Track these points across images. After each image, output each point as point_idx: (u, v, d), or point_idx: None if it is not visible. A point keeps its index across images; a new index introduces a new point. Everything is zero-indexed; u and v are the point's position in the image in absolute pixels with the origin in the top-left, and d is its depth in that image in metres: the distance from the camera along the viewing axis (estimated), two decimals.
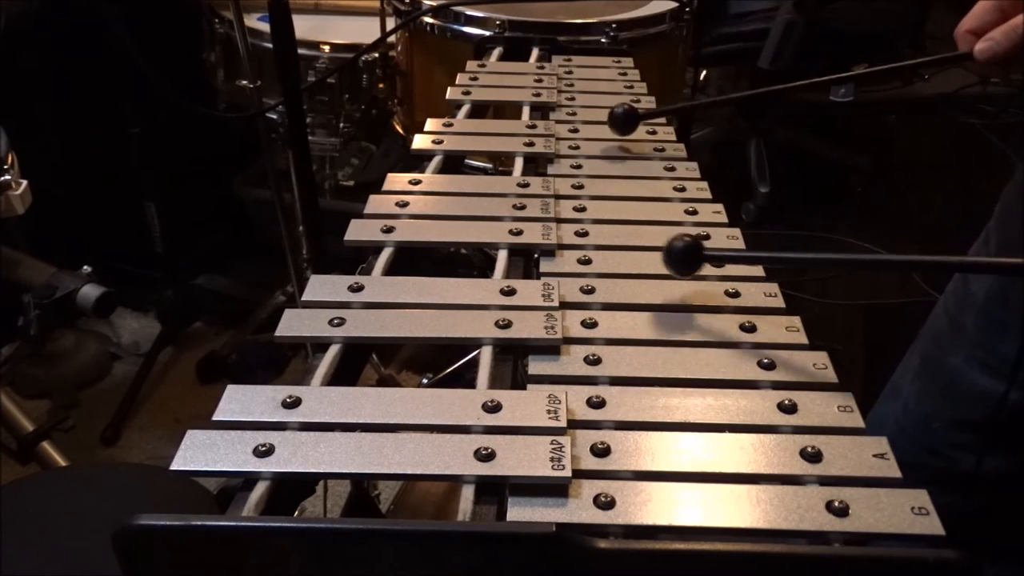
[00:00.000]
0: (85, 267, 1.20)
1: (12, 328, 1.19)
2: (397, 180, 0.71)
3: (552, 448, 0.43)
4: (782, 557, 0.37)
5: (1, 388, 1.43)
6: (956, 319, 0.85)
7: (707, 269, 0.61)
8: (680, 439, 0.45)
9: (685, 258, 0.56)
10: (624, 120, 0.78)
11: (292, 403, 0.46)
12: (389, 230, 0.63)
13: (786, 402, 0.47)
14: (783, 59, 2.20)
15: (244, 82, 1.49)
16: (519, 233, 0.64)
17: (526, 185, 0.70)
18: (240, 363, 1.72)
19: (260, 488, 0.42)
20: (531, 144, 0.78)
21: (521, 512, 0.41)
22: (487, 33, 1.19)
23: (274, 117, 1.53)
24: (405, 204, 0.67)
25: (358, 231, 0.64)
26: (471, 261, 1.56)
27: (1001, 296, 0.80)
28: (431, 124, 0.81)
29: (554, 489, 0.42)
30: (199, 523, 0.36)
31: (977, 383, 0.81)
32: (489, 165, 1.24)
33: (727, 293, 0.57)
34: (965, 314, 0.84)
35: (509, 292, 0.56)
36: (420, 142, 0.78)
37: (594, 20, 1.23)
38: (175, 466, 0.42)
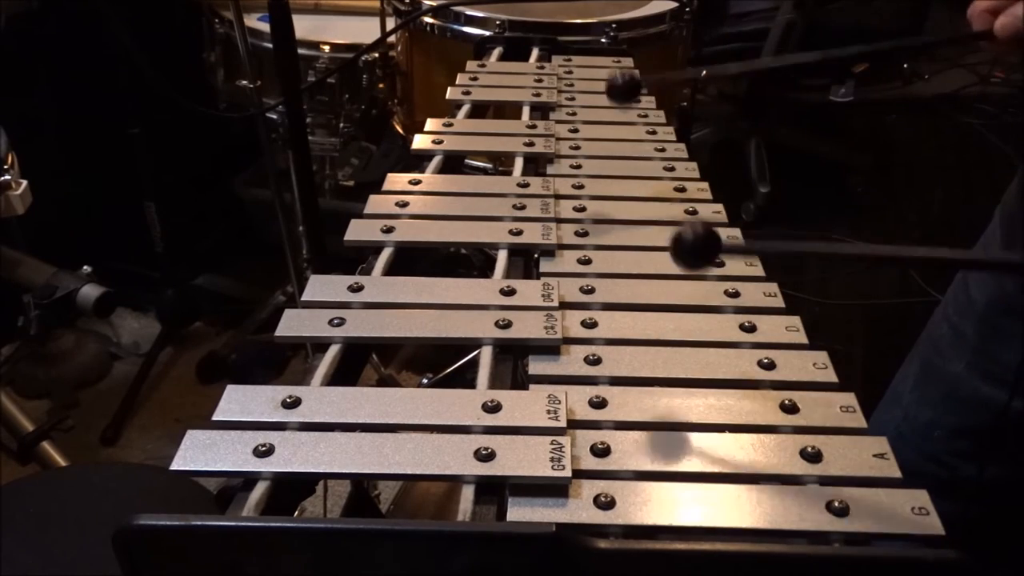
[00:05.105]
0: (85, 267, 1.20)
1: (12, 328, 1.19)
2: (397, 180, 0.71)
3: (552, 448, 0.43)
4: (782, 557, 0.37)
5: (1, 388, 1.43)
6: (957, 326, 0.85)
7: (706, 268, 0.61)
8: (680, 439, 0.45)
9: (698, 252, 0.45)
10: (626, 90, 0.71)
11: (292, 403, 0.46)
12: (389, 230, 0.63)
13: (787, 402, 0.47)
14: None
15: (244, 82, 1.49)
16: (519, 233, 0.64)
17: (526, 185, 0.70)
18: (240, 363, 1.72)
19: (260, 488, 0.42)
20: (531, 144, 0.78)
21: (521, 512, 0.41)
22: (487, 33, 1.19)
23: (274, 117, 1.53)
24: (405, 204, 0.67)
25: (358, 231, 0.64)
26: (471, 261, 1.56)
27: (1003, 304, 0.79)
28: (431, 124, 0.81)
29: (554, 489, 0.42)
30: (199, 523, 0.36)
31: (978, 391, 0.81)
32: (489, 165, 1.24)
33: (727, 293, 0.57)
34: (966, 321, 0.83)
35: (509, 292, 0.56)
36: (420, 142, 0.78)
37: (594, 20, 1.23)
38: (175, 466, 0.42)
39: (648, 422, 0.46)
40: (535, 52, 1.06)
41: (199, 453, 0.43)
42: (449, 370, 1.46)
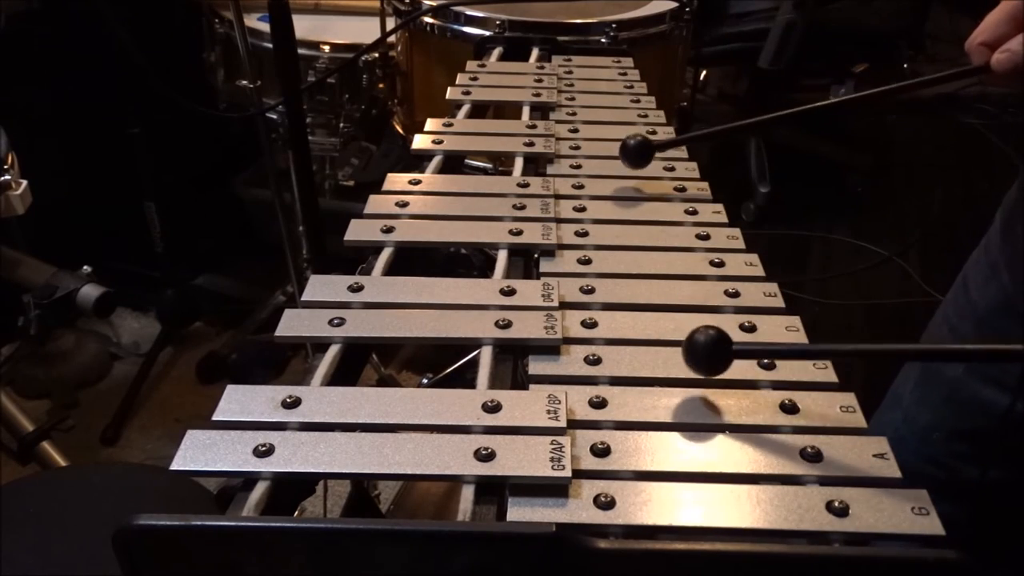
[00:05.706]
0: (85, 267, 1.20)
1: (12, 328, 1.19)
2: (397, 180, 0.71)
3: (552, 448, 0.43)
4: (782, 557, 0.37)
5: (1, 388, 1.43)
6: (957, 328, 0.84)
7: (706, 268, 0.61)
8: (680, 439, 0.45)
9: (711, 354, 0.48)
10: (638, 152, 0.73)
11: (292, 403, 0.46)
12: (389, 230, 0.63)
13: (787, 402, 0.47)
14: (783, 59, 2.20)
15: (244, 82, 1.49)
16: (519, 233, 0.64)
17: (526, 185, 0.70)
18: (240, 363, 1.72)
19: (260, 488, 0.42)
20: (531, 144, 0.78)
21: (521, 512, 0.41)
22: (487, 33, 1.19)
23: (274, 117, 1.53)
24: (405, 204, 0.67)
25: (358, 231, 0.64)
26: (471, 261, 1.56)
27: (1003, 306, 0.79)
28: (431, 124, 0.81)
29: (554, 489, 0.42)
30: (199, 523, 0.36)
31: (979, 394, 0.81)
32: (489, 165, 1.24)
33: (727, 293, 0.57)
34: (966, 324, 0.83)
35: (509, 292, 0.56)
36: (420, 142, 0.78)
37: (594, 20, 1.23)
38: (175, 466, 0.42)
39: (648, 422, 0.46)
40: (535, 52, 1.06)
41: (199, 453, 0.43)
42: (449, 370, 1.47)
